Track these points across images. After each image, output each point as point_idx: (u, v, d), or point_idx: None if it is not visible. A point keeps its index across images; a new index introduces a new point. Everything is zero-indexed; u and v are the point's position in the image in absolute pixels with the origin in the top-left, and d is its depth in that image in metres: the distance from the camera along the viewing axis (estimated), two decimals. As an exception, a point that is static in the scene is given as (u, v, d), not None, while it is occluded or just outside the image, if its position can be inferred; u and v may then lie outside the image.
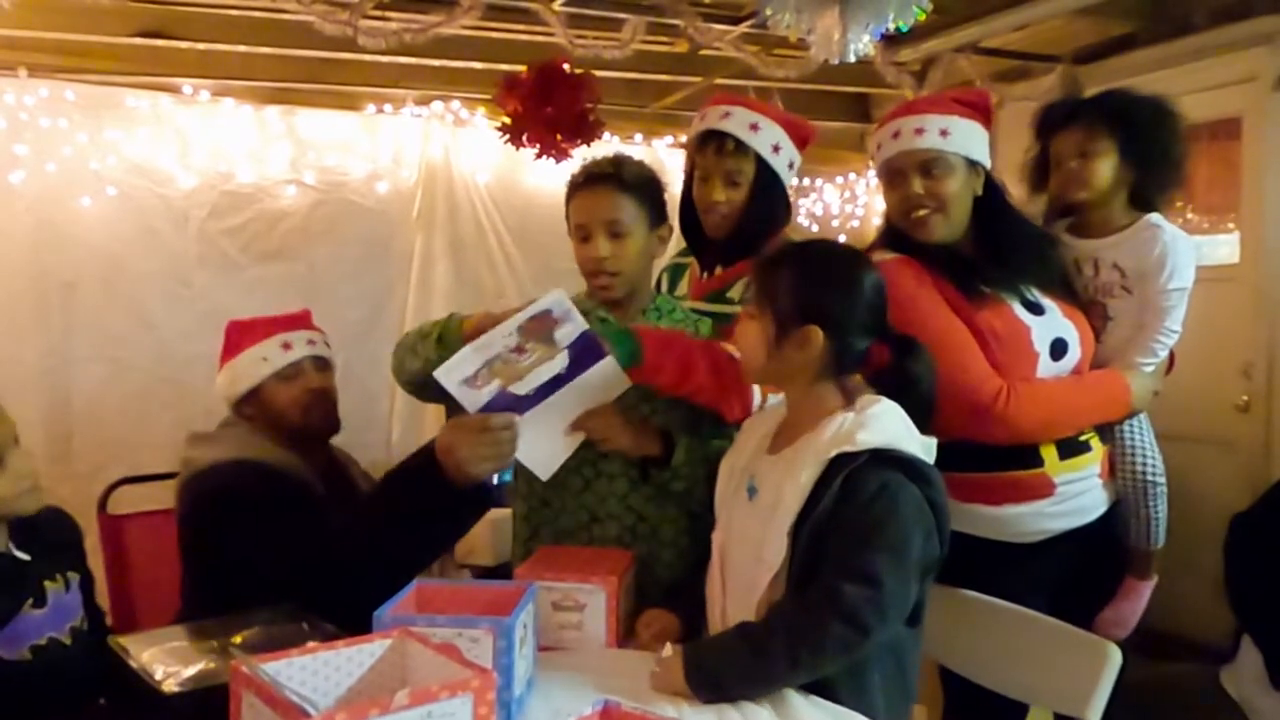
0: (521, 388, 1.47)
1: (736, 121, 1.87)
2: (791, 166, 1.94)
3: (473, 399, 1.46)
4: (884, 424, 1.30)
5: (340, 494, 1.89)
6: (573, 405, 1.53)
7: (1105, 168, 1.83)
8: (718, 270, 1.99)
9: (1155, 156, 1.84)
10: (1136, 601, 1.83)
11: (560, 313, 1.48)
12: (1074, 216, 1.93)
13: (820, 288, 1.36)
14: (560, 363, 1.49)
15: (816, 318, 1.34)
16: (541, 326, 1.48)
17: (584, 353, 1.49)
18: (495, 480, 1.64)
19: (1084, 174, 1.84)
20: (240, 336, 1.91)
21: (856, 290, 1.37)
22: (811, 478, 1.28)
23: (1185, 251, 1.81)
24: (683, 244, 2.11)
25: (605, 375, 1.51)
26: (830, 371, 1.37)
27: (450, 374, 1.45)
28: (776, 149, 1.89)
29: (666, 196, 1.74)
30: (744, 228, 1.91)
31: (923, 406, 1.36)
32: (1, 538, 1.59)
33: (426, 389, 1.56)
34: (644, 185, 1.68)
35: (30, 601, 1.56)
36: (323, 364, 1.95)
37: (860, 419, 1.30)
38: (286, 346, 1.88)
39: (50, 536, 1.67)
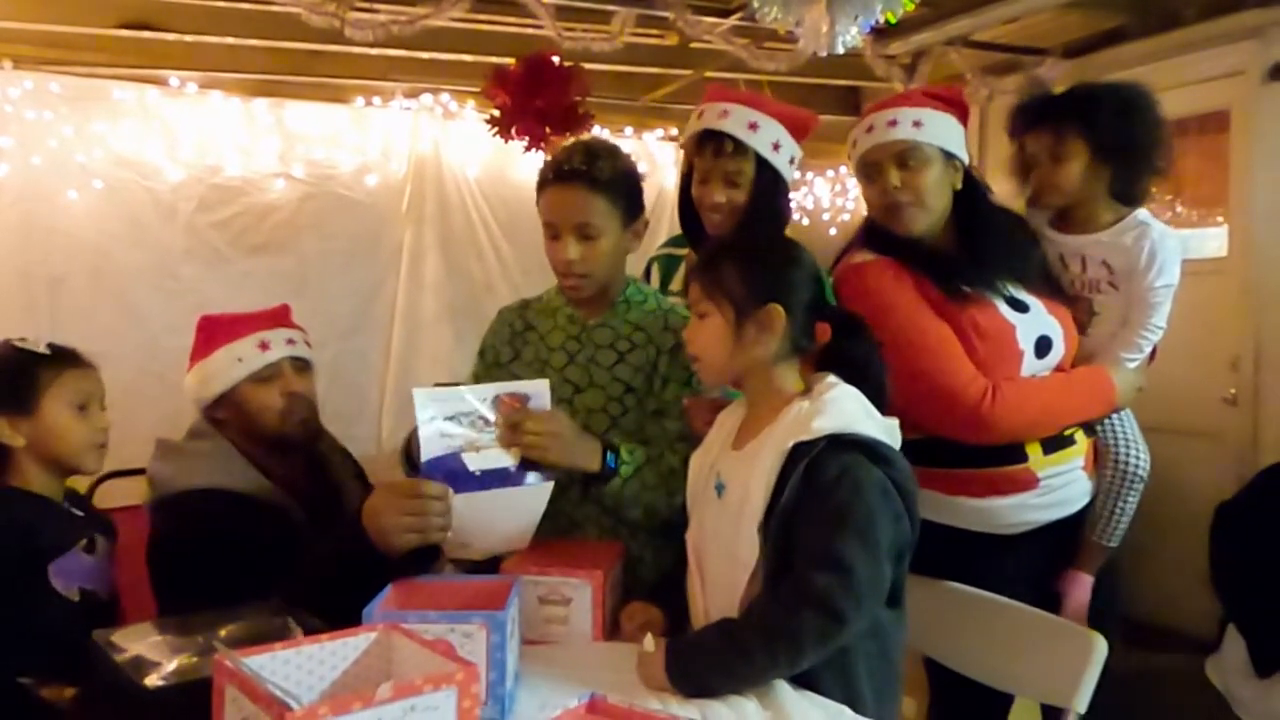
0: (472, 462, 1.38)
1: (735, 120, 1.81)
2: (793, 162, 1.90)
3: (430, 446, 1.36)
4: (840, 408, 1.29)
5: (322, 505, 1.75)
6: (504, 511, 1.43)
7: (1075, 169, 1.82)
8: None
9: (1128, 148, 1.82)
10: (1082, 595, 1.80)
11: (537, 405, 1.43)
12: (1056, 211, 1.92)
13: (769, 265, 1.37)
14: (513, 458, 1.41)
15: (774, 295, 1.35)
16: (510, 408, 1.42)
17: (531, 463, 1.43)
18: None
19: (1055, 179, 1.83)
20: (213, 334, 1.74)
21: (799, 263, 1.39)
22: (773, 470, 1.28)
23: (1173, 249, 1.81)
24: (673, 231, 2.08)
25: (539, 495, 1.45)
26: (789, 353, 1.38)
27: (432, 403, 1.38)
28: (777, 146, 1.84)
29: (647, 186, 1.70)
30: (747, 227, 1.87)
31: (875, 385, 1.36)
32: (59, 492, 1.66)
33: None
34: (618, 182, 1.60)
35: (83, 544, 1.60)
36: (302, 365, 1.77)
37: (816, 406, 1.30)
38: (264, 346, 1.71)
39: (96, 515, 1.74)
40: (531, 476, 1.44)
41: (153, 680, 1.08)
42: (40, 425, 1.61)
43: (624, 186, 1.62)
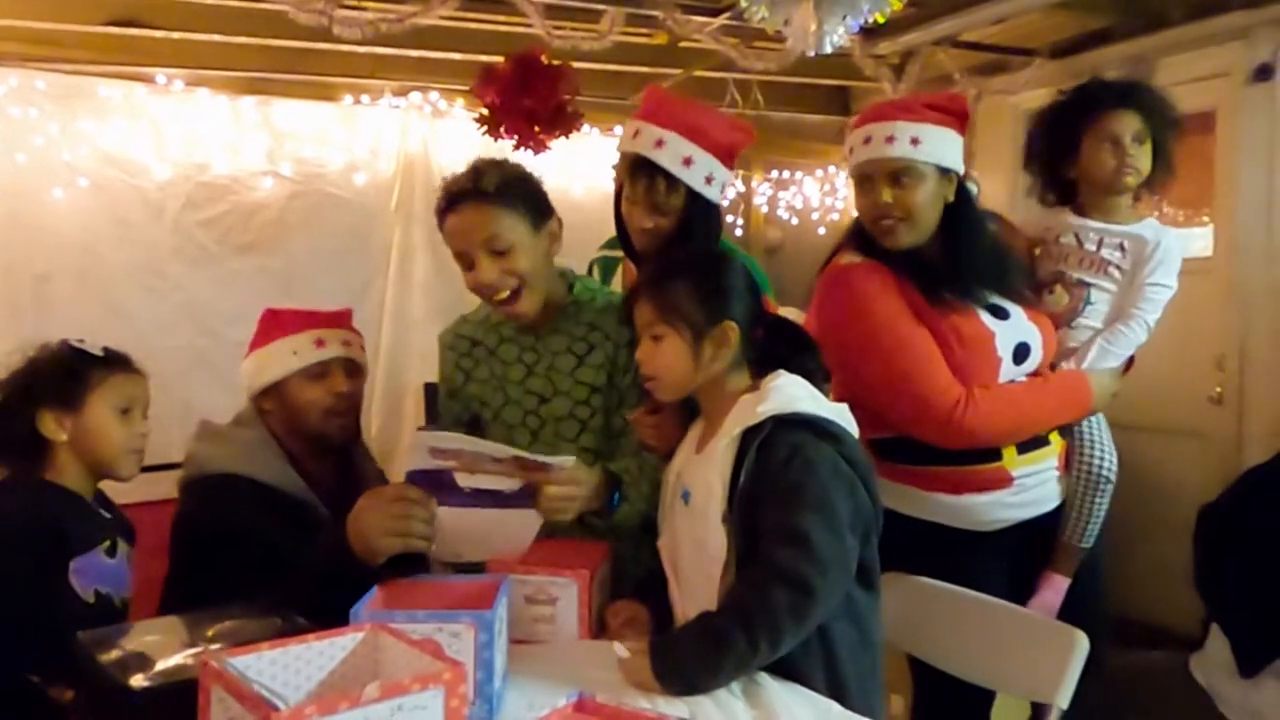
0: (463, 480, 1.37)
1: (669, 154, 1.74)
2: (724, 188, 1.85)
3: (418, 460, 1.35)
4: (783, 393, 1.34)
5: (347, 509, 1.78)
6: (494, 530, 1.41)
7: (1150, 155, 1.88)
8: None
9: (1169, 153, 1.90)
10: (1055, 596, 1.83)
11: (554, 471, 1.40)
12: (1077, 198, 1.96)
13: (719, 284, 1.41)
14: (510, 484, 1.40)
15: (728, 313, 1.39)
16: (533, 471, 1.39)
17: (530, 492, 1.41)
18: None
19: (1138, 160, 1.87)
20: (273, 326, 1.80)
21: (742, 277, 1.44)
22: (727, 460, 1.32)
23: (1178, 257, 1.88)
24: (612, 234, 2.06)
25: (531, 520, 1.42)
26: (739, 362, 1.42)
27: (430, 438, 1.36)
28: (709, 180, 1.78)
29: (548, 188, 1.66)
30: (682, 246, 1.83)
31: (818, 377, 1.40)
32: (90, 491, 1.67)
33: None
34: (511, 188, 1.58)
35: (105, 545, 1.61)
36: (354, 368, 1.82)
37: (760, 394, 1.34)
38: (319, 344, 1.76)
39: (121, 517, 1.74)
40: (524, 502, 1.41)
41: (138, 681, 1.08)
42: (84, 423, 1.63)
43: (518, 190, 1.60)
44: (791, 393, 1.34)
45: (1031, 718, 1.53)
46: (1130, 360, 1.93)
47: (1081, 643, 1.48)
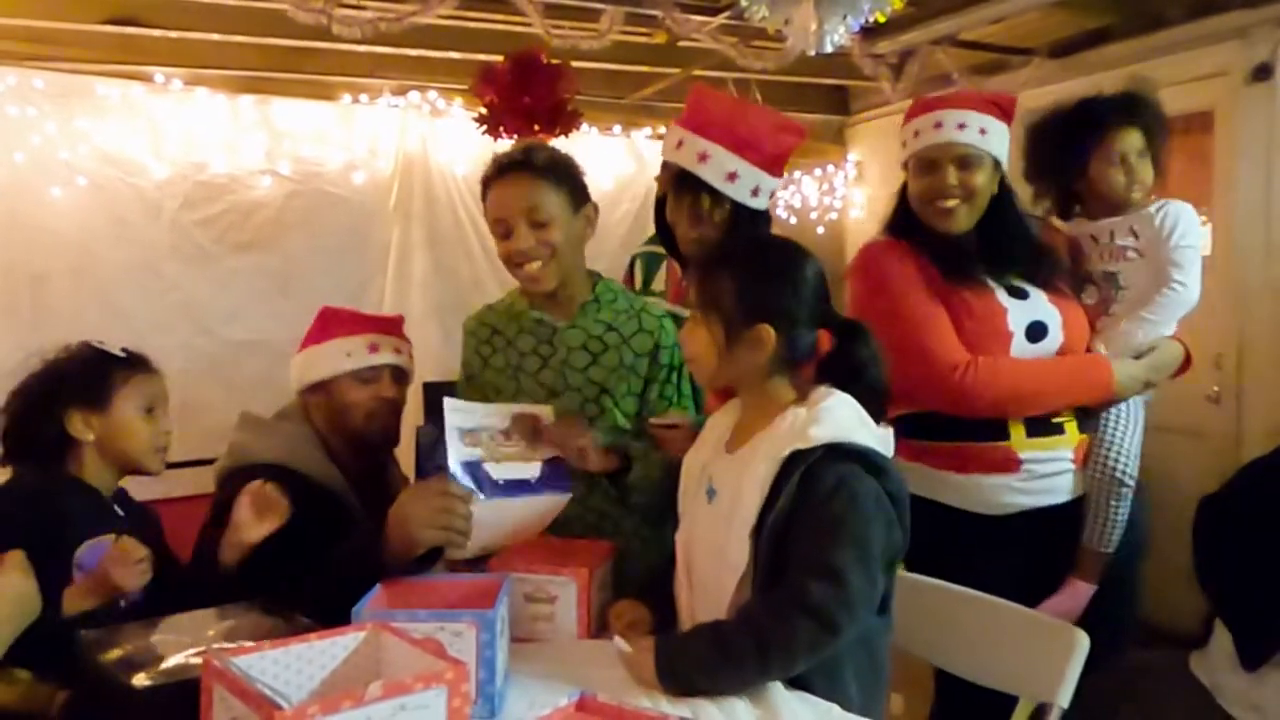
0: (496, 472, 1.44)
1: (713, 169, 1.74)
2: (772, 195, 1.85)
3: (456, 452, 1.40)
4: (836, 417, 1.29)
5: (378, 508, 1.74)
6: (519, 517, 1.48)
7: (1151, 172, 1.94)
8: None
9: (1160, 165, 1.96)
10: (1074, 601, 1.83)
11: (543, 422, 1.51)
12: (1082, 205, 2.01)
13: (764, 285, 1.33)
14: (532, 470, 1.47)
15: (765, 316, 1.32)
16: (528, 425, 1.50)
17: (553, 474, 1.50)
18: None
19: (1143, 174, 1.93)
20: (329, 324, 1.85)
21: (799, 281, 1.35)
22: (768, 477, 1.27)
23: (1191, 217, 1.92)
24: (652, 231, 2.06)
25: (555, 504, 1.51)
26: (782, 366, 1.36)
27: (458, 417, 1.43)
28: (755, 191, 1.77)
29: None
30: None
31: (873, 392, 1.36)
32: (111, 485, 1.67)
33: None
34: (558, 168, 1.64)
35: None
36: (401, 376, 1.86)
37: (812, 414, 1.29)
38: (373, 348, 1.81)
39: (142, 520, 1.73)
40: (550, 486, 1.49)
41: (140, 680, 1.07)
42: (110, 423, 1.64)
43: (564, 171, 1.65)
44: (846, 418, 1.29)
45: (1032, 715, 1.53)
46: (1188, 360, 1.96)
47: (1082, 642, 1.47)
